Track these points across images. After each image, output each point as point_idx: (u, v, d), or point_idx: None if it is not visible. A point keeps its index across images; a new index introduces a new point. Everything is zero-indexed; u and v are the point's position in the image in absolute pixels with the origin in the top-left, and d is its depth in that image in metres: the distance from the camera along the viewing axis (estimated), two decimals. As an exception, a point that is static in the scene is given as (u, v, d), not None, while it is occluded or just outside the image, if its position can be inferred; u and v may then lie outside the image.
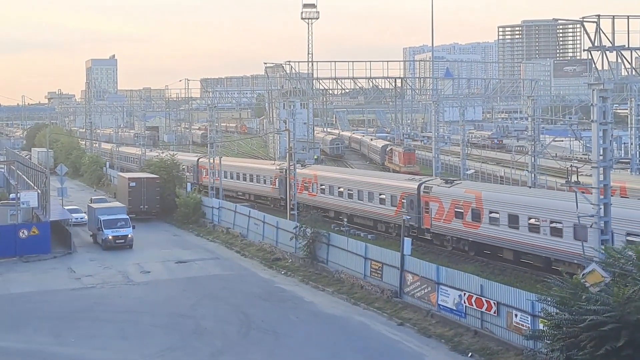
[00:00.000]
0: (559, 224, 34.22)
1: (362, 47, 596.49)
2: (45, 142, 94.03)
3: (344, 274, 36.60)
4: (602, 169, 26.82)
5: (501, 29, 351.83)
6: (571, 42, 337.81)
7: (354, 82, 74.75)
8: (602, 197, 26.74)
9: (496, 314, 26.62)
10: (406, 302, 31.64)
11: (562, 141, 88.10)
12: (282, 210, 56.21)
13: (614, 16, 26.56)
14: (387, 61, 77.07)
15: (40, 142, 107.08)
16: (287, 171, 56.93)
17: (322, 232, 39.62)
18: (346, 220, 51.06)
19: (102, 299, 35.26)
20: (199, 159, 73.88)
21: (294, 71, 78.59)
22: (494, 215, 38.53)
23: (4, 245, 44.12)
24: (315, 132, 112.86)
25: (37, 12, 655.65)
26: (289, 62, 77.85)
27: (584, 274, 21.92)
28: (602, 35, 26.23)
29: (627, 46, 27.20)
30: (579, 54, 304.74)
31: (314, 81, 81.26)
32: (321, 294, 35.40)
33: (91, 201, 61.37)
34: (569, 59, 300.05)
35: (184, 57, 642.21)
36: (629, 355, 18.84)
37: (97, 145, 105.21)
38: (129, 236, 47.34)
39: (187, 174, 71.43)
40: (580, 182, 30.60)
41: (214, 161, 61.17)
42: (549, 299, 21.24)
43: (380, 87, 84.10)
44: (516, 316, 25.60)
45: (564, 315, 20.28)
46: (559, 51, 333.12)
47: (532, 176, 49.56)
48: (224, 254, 45.91)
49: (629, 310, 19.05)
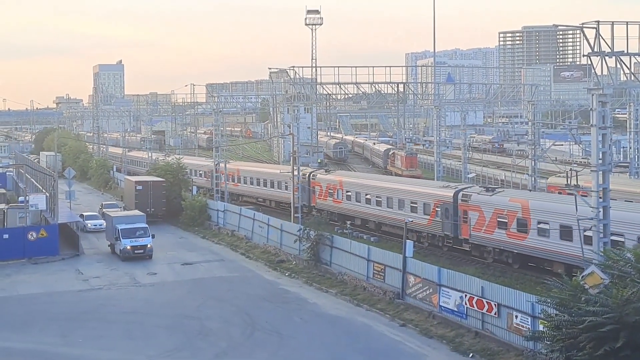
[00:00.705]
0: (620, 236, 30.86)
1: (365, 52, 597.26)
2: (53, 146, 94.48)
3: (347, 276, 36.94)
4: (601, 172, 27.21)
5: (502, 35, 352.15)
6: (571, 48, 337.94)
7: (357, 87, 75.19)
8: (601, 200, 27.15)
9: (497, 315, 26.91)
10: (408, 304, 31.95)
11: (562, 145, 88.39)
12: (303, 218, 52.52)
13: (613, 22, 26.86)
14: (390, 66, 77.56)
15: (48, 146, 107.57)
16: (309, 176, 56.69)
17: (326, 235, 39.99)
18: (356, 226, 50.50)
19: (109, 300, 35.60)
20: (217, 165, 73.24)
21: (298, 76, 79.13)
22: (543, 226, 36.03)
23: (13, 247, 44.59)
24: (319, 136, 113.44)
25: (45, 18, 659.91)
26: (293, 67, 78.42)
27: (583, 276, 22.22)
28: (602, 41, 26.55)
29: (626, 52, 27.45)
30: (578, 60, 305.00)
31: (318, 86, 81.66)
32: (325, 296, 35.71)
33: (102, 207, 61.45)
34: (569, 64, 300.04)
35: (190, 62, 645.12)
36: (627, 355, 19.05)
37: (104, 149, 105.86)
38: (148, 246, 45.08)
39: (205, 180, 70.98)
40: (579, 185, 30.82)
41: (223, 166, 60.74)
42: (549, 301, 21.43)
43: (382, 92, 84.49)
44: (516, 317, 25.86)
45: (564, 316, 20.47)
46: (559, 57, 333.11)
47: (532, 179, 49.90)
48: (229, 256, 46.28)
49: (627, 311, 19.25)
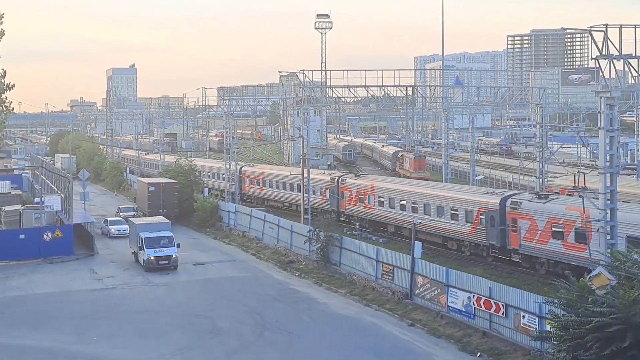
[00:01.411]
0: None
1: (374, 56, 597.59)
2: (68, 148, 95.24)
3: (356, 276, 37.28)
4: (609, 174, 27.47)
5: (510, 38, 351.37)
6: (579, 51, 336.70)
7: (366, 90, 75.55)
8: (608, 202, 27.41)
9: (504, 316, 27.17)
10: (416, 304, 32.27)
11: (570, 148, 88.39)
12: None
13: (621, 25, 27.11)
14: (399, 70, 78.00)
15: (63, 148, 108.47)
16: (338, 180, 54.94)
17: (335, 236, 40.37)
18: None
19: (123, 300, 36.06)
20: (241, 168, 70.05)
21: (308, 80, 79.51)
22: None
23: (28, 247, 45.28)
24: (328, 138, 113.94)
25: (60, 23, 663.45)
26: (303, 71, 78.80)
27: (590, 277, 22.53)
28: (610, 44, 26.78)
29: (634, 55, 27.69)
30: (586, 63, 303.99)
31: (327, 89, 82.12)
32: (334, 296, 36.04)
33: (119, 210, 61.08)
34: (577, 67, 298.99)
35: (202, 66, 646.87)
36: (634, 355, 19.29)
37: (117, 151, 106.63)
38: (173, 256, 42.07)
39: (229, 183, 68.92)
40: (587, 187, 31.03)
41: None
42: (556, 301, 21.67)
43: (391, 95, 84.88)
44: (524, 317, 26.10)
45: (571, 316, 20.69)
46: (566, 60, 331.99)
47: (540, 182, 50.15)
48: (240, 257, 46.71)
49: (634, 312, 19.47)
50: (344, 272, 38.65)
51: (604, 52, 26.89)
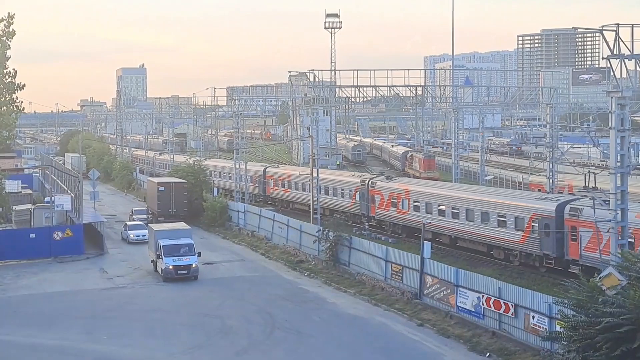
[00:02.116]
0: None
1: (383, 56, 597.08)
2: (78, 147, 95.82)
3: (365, 276, 37.29)
4: (619, 175, 27.36)
5: (520, 38, 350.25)
6: (590, 51, 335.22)
7: (376, 90, 75.80)
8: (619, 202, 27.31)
9: (514, 316, 27.12)
10: (426, 304, 32.26)
11: (580, 148, 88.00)
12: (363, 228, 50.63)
13: (632, 25, 26.93)
14: (408, 70, 78.27)
15: (73, 148, 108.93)
16: (368, 183, 52.48)
17: (344, 236, 40.39)
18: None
19: (133, 299, 36.22)
20: (265, 169, 68.56)
21: (317, 79, 79.81)
22: None
23: (39, 246, 45.51)
24: (337, 138, 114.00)
25: (70, 23, 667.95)
26: (313, 70, 79.14)
27: (600, 277, 22.45)
28: (621, 43, 26.65)
29: (645, 54, 27.72)
30: (597, 62, 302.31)
31: (337, 89, 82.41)
32: (343, 295, 36.07)
33: (132, 213, 59.87)
34: (588, 67, 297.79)
35: (211, 66, 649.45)
36: (644, 356, 19.12)
37: (127, 151, 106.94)
38: (193, 266, 39.53)
39: (252, 185, 67.01)
40: (597, 187, 30.91)
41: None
42: (566, 302, 21.56)
43: (401, 95, 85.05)
44: (533, 318, 26.07)
45: (581, 317, 20.62)
46: (577, 59, 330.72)
47: (550, 182, 50.01)
48: (249, 256, 46.83)
49: (644, 313, 19.30)
50: (353, 272, 38.68)
51: (615, 52, 26.76)
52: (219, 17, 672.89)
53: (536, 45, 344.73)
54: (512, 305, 27.22)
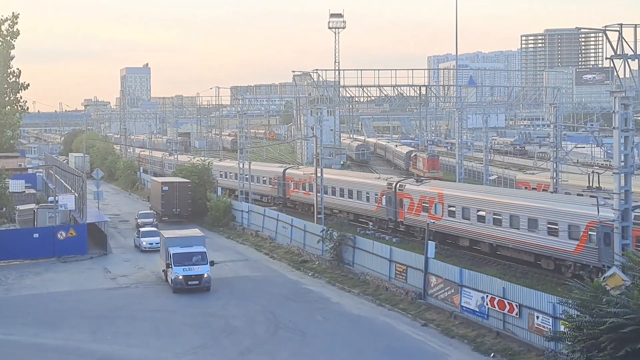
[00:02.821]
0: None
1: (387, 55, 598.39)
2: (82, 147, 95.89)
3: (369, 276, 37.30)
4: (623, 175, 27.35)
5: (524, 38, 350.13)
6: (593, 51, 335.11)
7: (380, 89, 75.68)
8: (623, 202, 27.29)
9: (518, 316, 27.13)
10: (430, 304, 32.27)
11: (584, 148, 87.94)
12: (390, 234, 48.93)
13: (636, 25, 27.04)
14: (412, 69, 78.03)
15: (77, 148, 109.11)
16: (396, 187, 49.73)
17: (348, 236, 40.39)
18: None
19: (136, 298, 36.23)
20: (285, 170, 65.83)
21: (321, 79, 79.75)
22: None
23: (43, 246, 45.52)
24: (341, 138, 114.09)
25: (74, 23, 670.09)
26: (317, 70, 79.04)
27: (604, 277, 22.45)
28: (624, 43, 26.77)
29: (648, 55, 27.70)
30: (600, 62, 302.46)
31: (341, 89, 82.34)
32: (347, 295, 36.09)
33: (138, 216, 57.16)
34: (591, 67, 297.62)
35: (215, 65, 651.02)
36: (648, 356, 19.09)
37: (130, 150, 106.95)
38: (205, 276, 36.96)
39: (270, 187, 65.73)
40: (601, 187, 30.88)
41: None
42: (570, 302, 21.54)
43: (405, 95, 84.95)
44: (537, 318, 26.08)
45: (585, 317, 20.59)
46: (581, 59, 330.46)
47: (554, 182, 49.93)
48: (253, 256, 46.86)
49: (648, 313, 19.25)
50: (357, 271, 38.69)
51: (618, 52, 26.84)
52: (223, 17, 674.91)
53: (540, 45, 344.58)
54: (516, 305, 27.22)
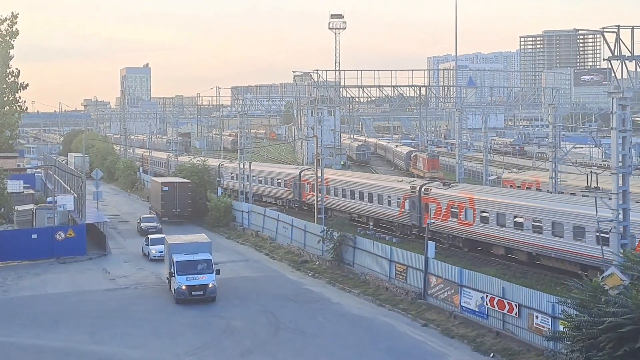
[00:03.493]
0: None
1: (387, 56, 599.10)
2: (81, 147, 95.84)
3: (369, 276, 37.34)
4: (621, 175, 27.40)
5: (523, 39, 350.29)
6: (591, 52, 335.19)
7: (380, 90, 75.88)
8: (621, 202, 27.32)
9: (517, 316, 27.19)
10: (430, 304, 32.31)
11: (582, 148, 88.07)
12: (413, 240, 46.69)
13: (633, 26, 27.11)
14: (412, 70, 78.33)
15: (76, 148, 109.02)
16: (421, 190, 47.20)
17: (349, 236, 40.41)
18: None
19: (136, 299, 36.15)
20: (301, 172, 63.00)
21: (321, 79, 79.95)
22: None
23: (41, 247, 45.40)
24: (342, 138, 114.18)
25: (74, 22, 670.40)
26: (317, 70, 79.28)
27: (603, 277, 22.50)
28: (622, 45, 26.78)
29: (646, 56, 27.77)
30: (598, 63, 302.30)
31: (341, 89, 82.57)
32: (347, 296, 36.12)
33: (141, 220, 55.74)
34: (589, 68, 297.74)
35: (215, 65, 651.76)
36: (646, 355, 19.13)
37: (131, 151, 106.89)
38: (210, 285, 34.52)
39: (285, 190, 63.93)
40: (599, 187, 30.91)
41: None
42: (569, 302, 21.64)
43: (405, 95, 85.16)
44: (537, 318, 26.15)
45: (584, 317, 20.71)
46: (579, 60, 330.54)
47: (553, 182, 50.00)
48: (253, 256, 46.88)
49: (647, 312, 19.31)
50: (357, 271, 38.72)
51: (616, 53, 26.87)
52: (224, 17, 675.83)
53: (538, 46, 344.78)
54: (515, 305, 27.27)
